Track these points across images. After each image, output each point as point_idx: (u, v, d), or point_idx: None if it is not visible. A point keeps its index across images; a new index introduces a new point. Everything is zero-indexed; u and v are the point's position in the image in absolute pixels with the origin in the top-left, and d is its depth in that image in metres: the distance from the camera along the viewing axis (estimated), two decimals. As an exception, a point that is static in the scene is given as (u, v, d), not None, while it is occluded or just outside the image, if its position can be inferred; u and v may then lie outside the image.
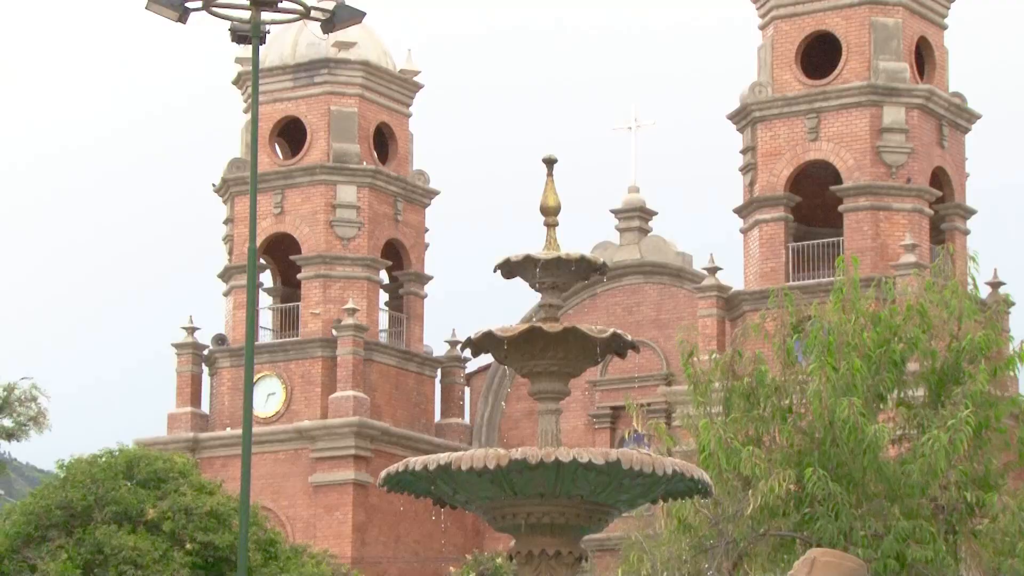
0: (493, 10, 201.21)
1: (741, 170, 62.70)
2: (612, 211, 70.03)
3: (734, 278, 62.46)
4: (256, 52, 27.79)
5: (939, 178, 61.90)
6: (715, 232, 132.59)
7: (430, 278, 70.39)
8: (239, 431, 35.32)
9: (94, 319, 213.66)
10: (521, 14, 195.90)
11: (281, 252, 67.19)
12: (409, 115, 70.55)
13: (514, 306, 66.34)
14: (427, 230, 70.45)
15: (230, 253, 67.64)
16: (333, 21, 28.08)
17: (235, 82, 67.09)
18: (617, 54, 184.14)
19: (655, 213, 70.31)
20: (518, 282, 12.95)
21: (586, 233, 71.39)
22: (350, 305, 65.38)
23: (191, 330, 67.39)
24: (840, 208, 60.52)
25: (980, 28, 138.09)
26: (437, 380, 70.13)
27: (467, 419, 70.04)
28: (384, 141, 69.23)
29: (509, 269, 12.85)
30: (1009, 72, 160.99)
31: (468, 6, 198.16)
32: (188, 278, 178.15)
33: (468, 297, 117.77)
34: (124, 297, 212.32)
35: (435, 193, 70.50)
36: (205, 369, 67.60)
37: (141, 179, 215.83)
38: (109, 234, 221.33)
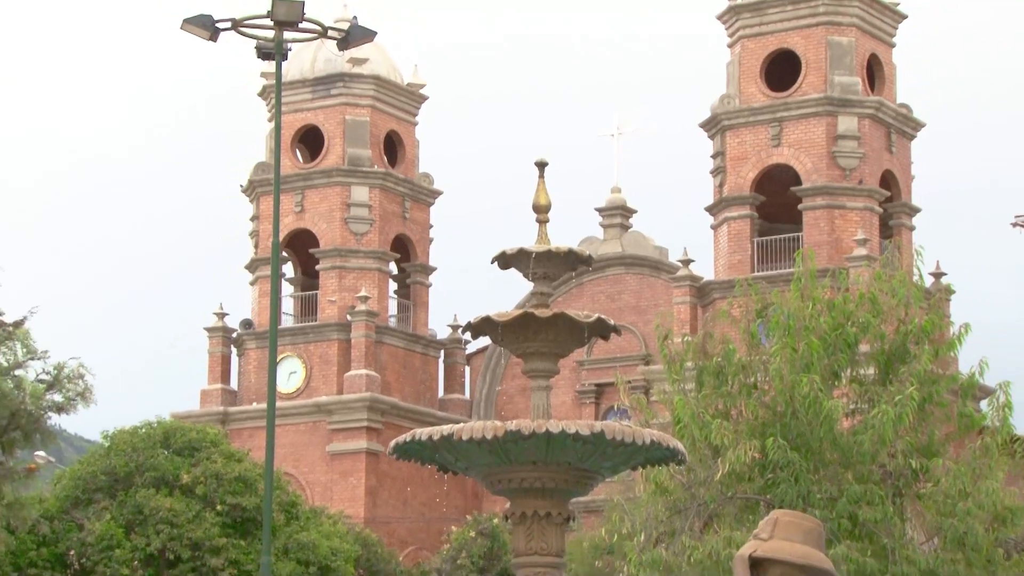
0: (492, 24, 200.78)
1: (712, 173, 62.66)
2: (596, 209, 69.89)
3: (705, 269, 62.44)
4: (279, 67, 27.69)
5: (888, 180, 61.92)
6: (688, 228, 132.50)
7: (434, 269, 70.27)
8: (264, 405, 35.32)
9: (134, 305, 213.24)
10: (519, 30, 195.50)
11: (301, 246, 67.05)
12: (416, 123, 70.41)
13: (510, 294, 66.39)
14: (431, 226, 70.30)
15: (256, 247, 67.52)
16: (348, 40, 28.01)
17: (260, 94, 66.97)
18: (602, 68, 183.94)
19: (635, 211, 70.22)
20: (513, 272, 12.91)
21: (573, 229, 71.18)
22: (363, 293, 65.32)
23: (221, 315, 67.34)
24: (800, 207, 60.46)
25: (925, 46, 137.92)
26: (440, 360, 70.04)
27: (467, 395, 69.97)
28: (393, 147, 69.07)
29: (505, 261, 12.80)
30: (951, 85, 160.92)
31: (467, 20, 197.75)
32: (218, 269, 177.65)
33: (468, 286, 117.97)
34: (160, 285, 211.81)
35: (439, 193, 70.37)
36: (234, 350, 67.54)
37: (175, 179, 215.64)
38: (145, 228, 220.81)
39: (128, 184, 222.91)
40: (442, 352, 69.98)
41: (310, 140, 68.04)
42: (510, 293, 70.77)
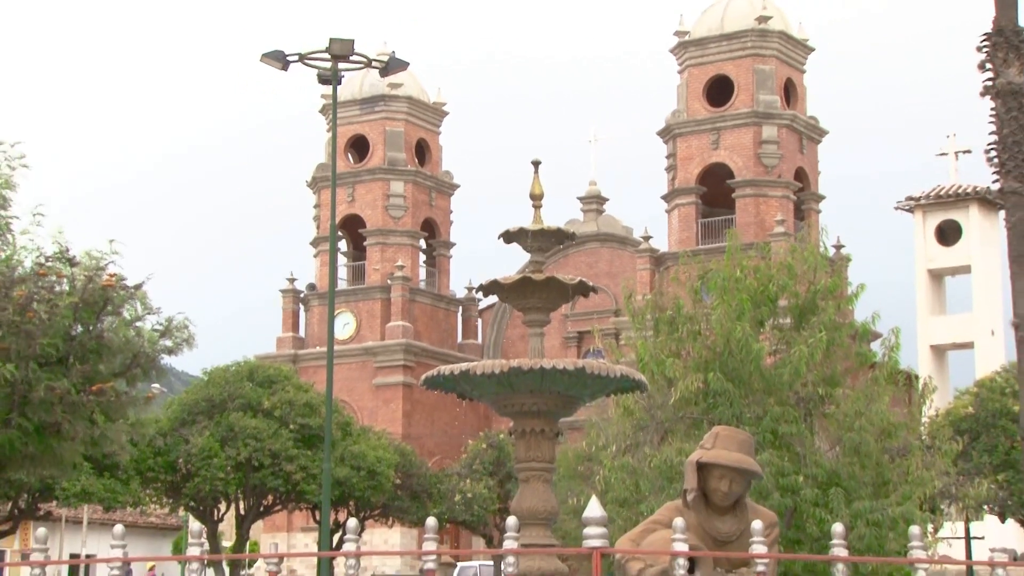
0: (497, 47, 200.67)
1: (666, 170, 63.02)
2: (578, 198, 70.66)
3: (661, 244, 62.80)
4: (335, 91, 27.66)
5: (800, 174, 62.19)
6: (648, 212, 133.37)
7: (454, 244, 70.76)
8: (324, 349, 35.34)
9: (225, 270, 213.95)
10: (518, 51, 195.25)
11: (352, 227, 67.27)
12: (439, 132, 70.68)
13: (512, 262, 66.37)
14: (452, 211, 70.80)
15: (317, 228, 67.91)
16: (387, 69, 28.00)
17: (320, 111, 67.07)
18: (582, 88, 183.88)
19: (607, 199, 70.78)
20: (515, 246, 12.92)
21: (560, 213, 71.26)
22: (399, 263, 65.72)
23: (291, 280, 67.89)
24: (733, 195, 60.73)
25: (829, 71, 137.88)
26: (459, 314, 70.47)
27: (480, 340, 70.35)
28: (422, 151, 69.27)
29: (509, 237, 12.81)
30: (849, 101, 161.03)
31: (478, 45, 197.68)
32: (288, 244, 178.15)
33: (480, 256, 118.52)
34: (245, 255, 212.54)
35: (457, 186, 70.76)
36: (301, 307, 67.88)
37: (257, 173, 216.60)
38: (234, 209, 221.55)
39: (222, 174, 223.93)
40: (460, 308, 70.40)
41: (359, 146, 68.27)
42: (512, 262, 70.59)
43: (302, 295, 67.63)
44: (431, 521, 6.40)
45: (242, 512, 44.38)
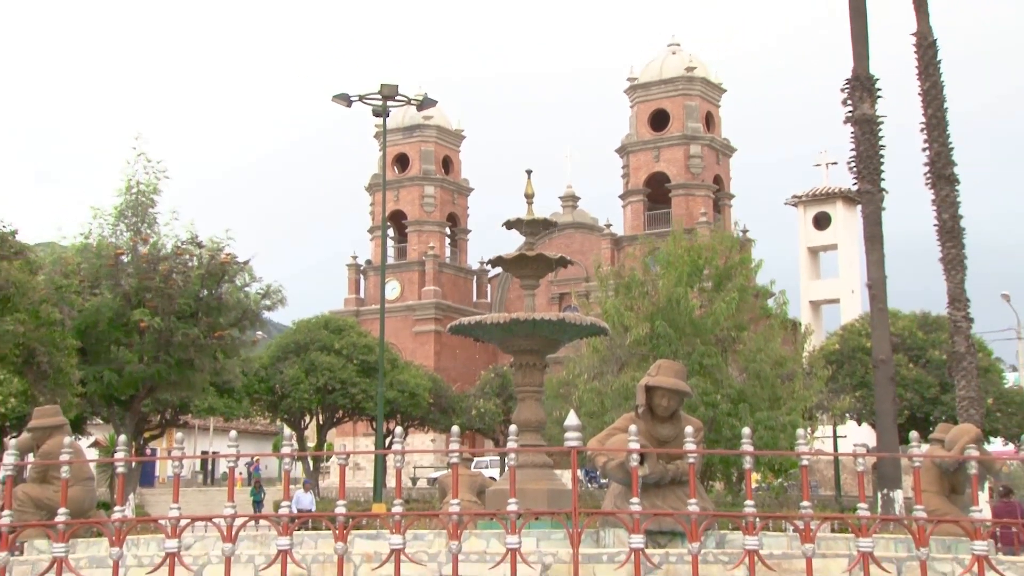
0: (501, 78, 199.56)
1: (622, 176, 62.75)
2: (559, 197, 70.12)
3: (619, 230, 62.56)
4: (384, 121, 27.53)
5: (718, 180, 61.93)
6: (610, 207, 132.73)
7: (470, 231, 70.41)
8: (378, 306, 35.34)
9: (307, 248, 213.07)
10: (517, 70, 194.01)
11: (397, 219, 67.08)
12: (459, 150, 70.30)
13: (512, 243, 66.26)
14: (468, 207, 70.39)
15: (372, 219, 67.61)
16: (422, 105, 27.86)
17: (374, 136, 66.64)
18: (563, 118, 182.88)
19: (580, 198, 70.41)
20: (514, 232, 12.88)
21: (546, 207, 71.00)
22: (431, 245, 65.53)
23: (354, 258, 67.66)
24: (670, 195, 60.53)
25: (736, 106, 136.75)
26: (474, 281, 70.26)
27: (489, 300, 70.17)
28: (447, 164, 68.96)
29: (510, 225, 12.74)
30: (753, 124, 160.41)
31: (484, 79, 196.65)
32: (352, 231, 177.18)
33: (490, 239, 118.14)
34: (321, 238, 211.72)
35: (472, 189, 70.40)
36: (361, 276, 67.78)
37: (330, 178, 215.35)
38: (314, 205, 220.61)
39: (305, 180, 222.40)
40: (475, 276, 70.20)
41: (401, 161, 67.91)
42: (512, 243, 70.43)
43: (361, 268, 67.56)
44: (455, 428, 6.38)
45: (320, 422, 44.50)
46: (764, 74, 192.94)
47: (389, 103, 26.24)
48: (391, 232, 67.45)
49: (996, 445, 38.85)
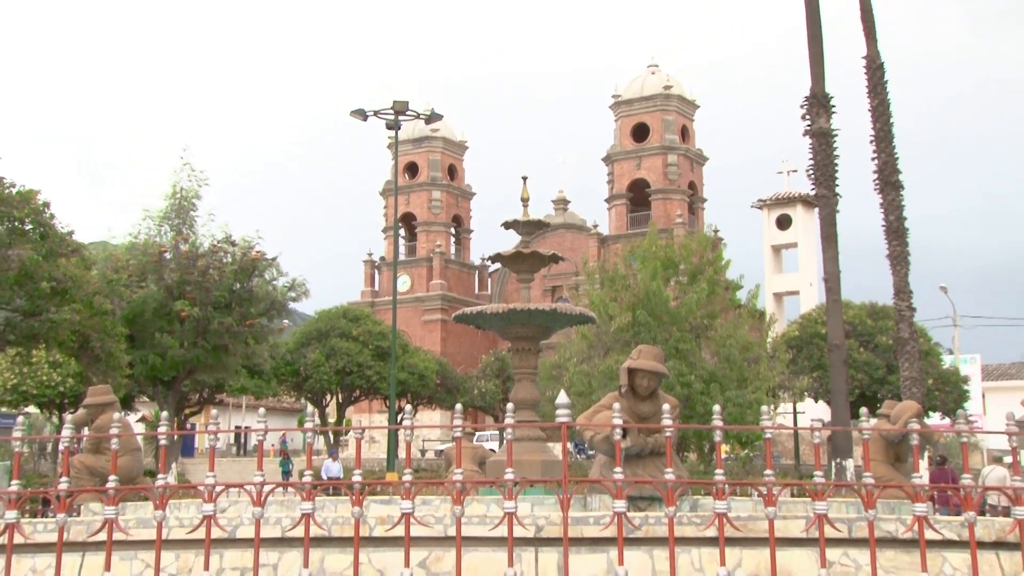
0: (502, 88, 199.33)
1: (607, 183, 62.65)
2: (552, 201, 69.96)
3: (604, 230, 62.51)
4: (396, 134, 27.53)
5: (692, 185, 61.92)
6: (597, 209, 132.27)
7: (473, 231, 70.21)
8: (391, 298, 35.28)
9: (328, 246, 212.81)
10: (520, 100, 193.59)
11: (408, 220, 66.97)
12: (463, 159, 70.15)
13: (510, 242, 66.30)
14: (471, 210, 70.21)
15: (386, 220, 67.51)
16: (430, 119, 27.76)
17: (388, 146, 66.46)
18: (556, 130, 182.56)
19: (570, 201, 70.22)
20: (511, 232, 12.87)
21: (541, 210, 70.93)
22: (438, 243, 65.37)
23: (370, 255, 67.50)
24: (650, 199, 60.47)
25: (708, 119, 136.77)
26: (476, 275, 70.14)
27: (489, 292, 70.06)
28: (453, 171, 68.82)
29: (508, 225, 12.74)
30: (725, 137, 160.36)
31: (490, 88, 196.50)
32: (368, 231, 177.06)
33: (490, 238, 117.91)
34: (339, 237, 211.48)
35: (475, 193, 70.26)
36: (376, 271, 67.67)
37: (347, 183, 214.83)
38: (333, 209, 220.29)
39: (324, 185, 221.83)
40: (477, 271, 70.07)
41: (412, 169, 67.72)
42: (510, 241, 70.39)
43: (376, 264, 67.48)
44: (458, 406, 6.39)
45: (340, 401, 44.49)
46: (734, 88, 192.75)
47: (400, 117, 26.21)
48: (402, 232, 67.40)
49: (935, 419, 38.93)
